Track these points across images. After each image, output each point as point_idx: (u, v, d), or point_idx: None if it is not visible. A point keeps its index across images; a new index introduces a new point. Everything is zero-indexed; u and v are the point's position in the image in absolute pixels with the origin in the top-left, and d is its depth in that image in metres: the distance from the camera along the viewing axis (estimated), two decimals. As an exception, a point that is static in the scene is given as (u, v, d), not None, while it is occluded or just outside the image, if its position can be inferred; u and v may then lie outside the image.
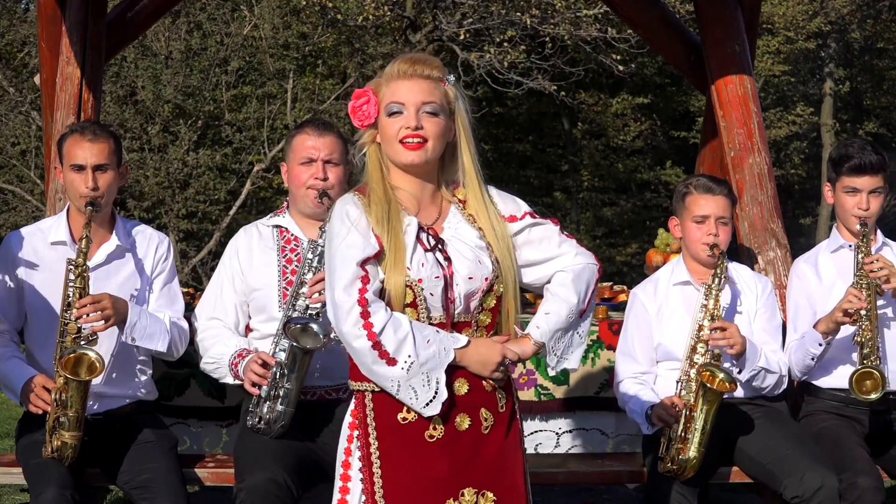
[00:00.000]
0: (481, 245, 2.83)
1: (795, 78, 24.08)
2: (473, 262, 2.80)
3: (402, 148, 2.79)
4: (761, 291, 4.09)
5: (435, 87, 2.82)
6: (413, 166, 2.81)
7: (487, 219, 2.85)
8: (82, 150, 3.78)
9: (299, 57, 17.00)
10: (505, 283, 2.83)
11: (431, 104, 2.79)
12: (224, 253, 4.01)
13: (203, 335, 3.89)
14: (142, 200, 15.94)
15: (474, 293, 2.80)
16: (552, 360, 2.90)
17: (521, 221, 2.90)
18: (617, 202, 23.59)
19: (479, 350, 2.78)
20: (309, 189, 3.84)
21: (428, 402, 2.71)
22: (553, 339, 2.87)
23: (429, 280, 2.76)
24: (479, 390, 2.80)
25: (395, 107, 2.79)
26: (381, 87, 2.83)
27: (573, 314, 2.88)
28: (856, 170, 4.00)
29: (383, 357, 2.68)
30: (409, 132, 2.77)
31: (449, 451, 2.76)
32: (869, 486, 3.66)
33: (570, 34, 15.48)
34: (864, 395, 3.79)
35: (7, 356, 3.80)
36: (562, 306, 2.88)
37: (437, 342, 2.72)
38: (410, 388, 2.70)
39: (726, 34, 4.91)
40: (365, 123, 2.85)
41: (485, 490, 2.78)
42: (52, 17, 5.07)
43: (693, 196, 4.02)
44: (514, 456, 2.86)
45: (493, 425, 2.81)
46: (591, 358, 4.53)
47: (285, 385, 3.58)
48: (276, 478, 3.46)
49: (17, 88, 15.73)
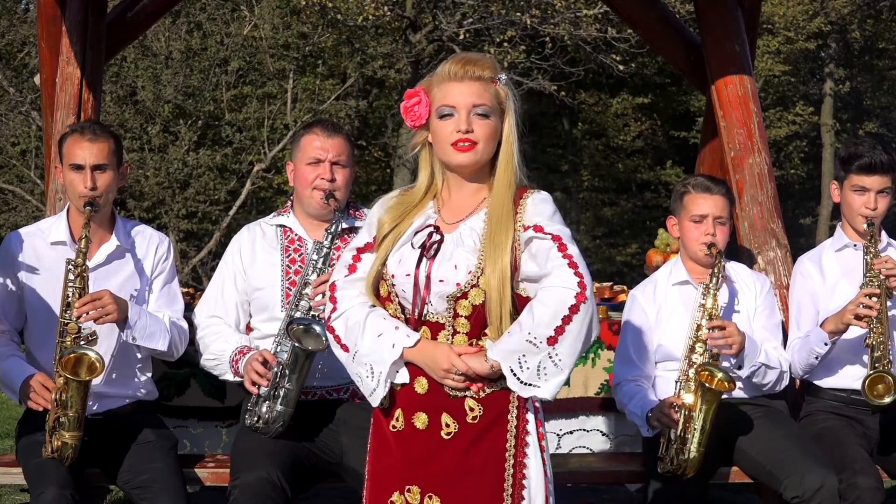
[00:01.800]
0: (474, 250, 2.79)
1: (795, 78, 24.09)
2: (451, 266, 2.78)
3: (452, 150, 2.80)
4: (760, 290, 4.08)
5: (486, 89, 2.81)
6: (463, 167, 2.83)
7: (495, 225, 2.80)
8: (82, 150, 3.78)
9: (299, 57, 17.00)
10: (488, 294, 2.75)
11: (482, 106, 2.79)
12: (226, 251, 4.00)
13: (204, 332, 3.89)
14: (142, 200, 15.95)
15: (444, 296, 2.78)
16: (514, 384, 2.71)
17: (527, 233, 2.82)
18: (617, 202, 23.61)
19: (429, 353, 2.77)
20: (315, 190, 3.83)
21: (371, 391, 2.79)
22: (511, 360, 2.70)
23: (400, 277, 2.81)
24: (439, 393, 2.78)
25: (446, 109, 2.80)
26: (433, 88, 2.84)
27: (537, 339, 2.68)
28: (865, 168, 3.99)
29: (337, 341, 2.85)
30: (460, 135, 2.78)
31: (403, 445, 2.80)
32: (869, 487, 3.66)
33: (570, 34, 15.49)
34: (877, 400, 3.76)
35: (7, 355, 3.80)
36: (521, 328, 2.71)
37: (389, 336, 2.77)
38: (356, 374, 2.82)
39: (726, 34, 4.91)
40: (417, 124, 2.86)
41: (431, 493, 2.76)
42: (52, 17, 5.07)
43: (691, 195, 4.01)
44: (482, 470, 2.75)
45: (456, 433, 2.76)
46: (591, 358, 4.53)
47: (285, 385, 3.58)
48: (270, 477, 3.47)
49: (17, 88, 15.74)
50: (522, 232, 2.80)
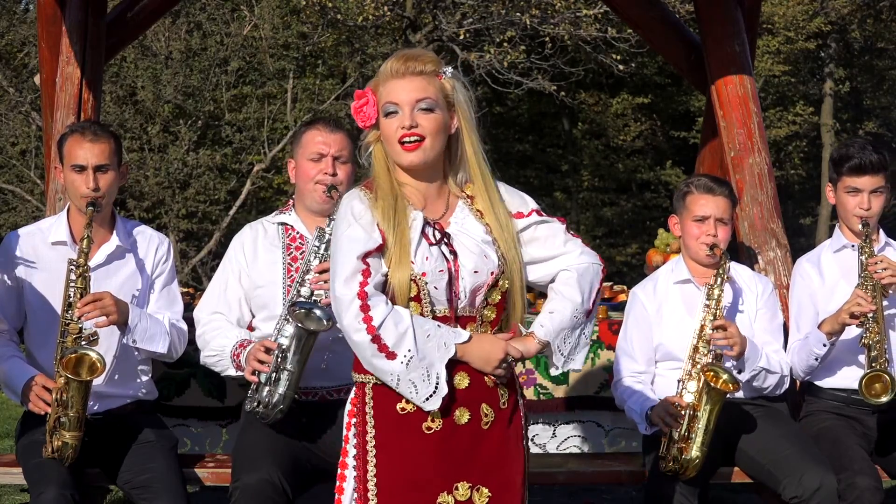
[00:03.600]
0: (487, 240, 2.83)
1: (795, 78, 24.06)
2: (479, 257, 2.80)
3: (400, 149, 2.79)
4: (762, 291, 4.08)
5: (429, 83, 2.81)
6: (413, 166, 2.82)
7: (493, 214, 2.85)
8: (83, 151, 3.78)
9: (299, 57, 17.00)
10: (511, 279, 2.83)
11: (426, 100, 2.79)
12: (229, 249, 3.99)
13: (204, 328, 3.86)
14: (142, 200, 15.94)
15: (480, 287, 2.80)
16: (559, 359, 2.88)
17: (528, 218, 2.90)
18: (617, 202, 23.59)
19: (482, 346, 2.79)
20: (317, 184, 3.83)
21: (428, 396, 2.71)
22: (559, 338, 2.86)
23: (433, 273, 2.77)
24: (481, 385, 2.80)
25: (390, 107, 2.80)
26: (379, 87, 2.83)
27: (578, 313, 2.87)
28: (856, 170, 3.99)
29: (382, 351, 2.69)
30: (404, 132, 2.78)
31: (445, 445, 2.76)
32: (867, 487, 3.66)
33: (569, 34, 15.48)
34: (874, 399, 3.77)
35: (7, 356, 3.80)
36: (566, 305, 2.87)
37: (437, 337, 2.73)
38: (410, 382, 2.71)
39: (726, 34, 4.91)
40: (367, 124, 2.86)
41: (479, 485, 2.78)
42: (52, 17, 5.07)
43: (694, 195, 4.01)
44: (513, 452, 2.85)
45: (493, 421, 2.81)
46: (591, 358, 4.53)
47: (287, 368, 3.56)
48: (272, 479, 3.47)
49: (17, 88, 15.73)
50: (514, 219, 2.88)
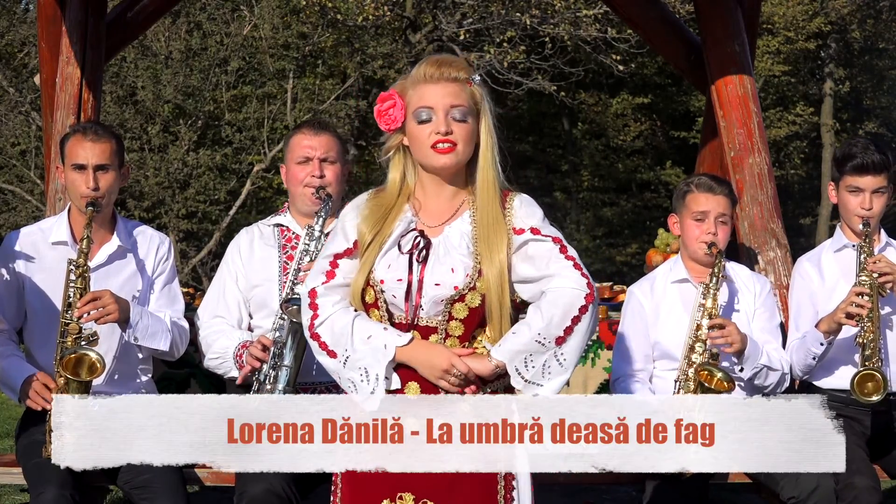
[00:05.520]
0: (465, 253, 2.77)
1: (795, 78, 24.09)
2: (447, 269, 2.76)
3: (433, 152, 2.77)
4: (759, 291, 4.08)
5: (462, 89, 2.79)
6: (444, 169, 2.80)
7: (486, 228, 2.78)
8: (84, 150, 3.79)
9: (299, 57, 16.99)
10: (488, 297, 2.75)
11: (459, 108, 2.77)
12: (226, 252, 4.05)
13: (205, 332, 3.91)
14: (142, 200, 15.93)
15: (441, 299, 2.75)
16: (518, 382, 2.72)
17: (522, 236, 2.80)
18: (617, 202, 23.61)
19: (427, 351, 2.73)
20: (306, 187, 3.89)
21: (367, 396, 2.71)
22: (516, 360, 2.71)
23: (390, 282, 2.75)
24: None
25: (423, 112, 2.77)
26: (408, 91, 2.81)
27: (543, 339, 2.70)
28: (858, 169, 4.00)
29: (323, 349, 2.75)
30: (440, 137, 2.76)
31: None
32: (865, 487, 3.66)
33: (569, 34, 15.49)
34: (865, 397, 3.79)
35: (6, 354, 3.81)
36: (524, 328, 2.72)
37: (379, 338, 2.72)
38: (349, 380, 2.73)
39: (726, 34, 4.92)
40: (392, 127, 2.83)
41: (426, 499, 2.73)
42: (52, 17, 5.08)
43: (694, 194, 4.02)
44: (480, 475, 2.74)
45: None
46: (591, 358, 4.53)
47: (284, 364, 3.59)
48: (275, 488, 3.47)
49: (17, 88, 15.73)
50: (514, 234, 2.79)
